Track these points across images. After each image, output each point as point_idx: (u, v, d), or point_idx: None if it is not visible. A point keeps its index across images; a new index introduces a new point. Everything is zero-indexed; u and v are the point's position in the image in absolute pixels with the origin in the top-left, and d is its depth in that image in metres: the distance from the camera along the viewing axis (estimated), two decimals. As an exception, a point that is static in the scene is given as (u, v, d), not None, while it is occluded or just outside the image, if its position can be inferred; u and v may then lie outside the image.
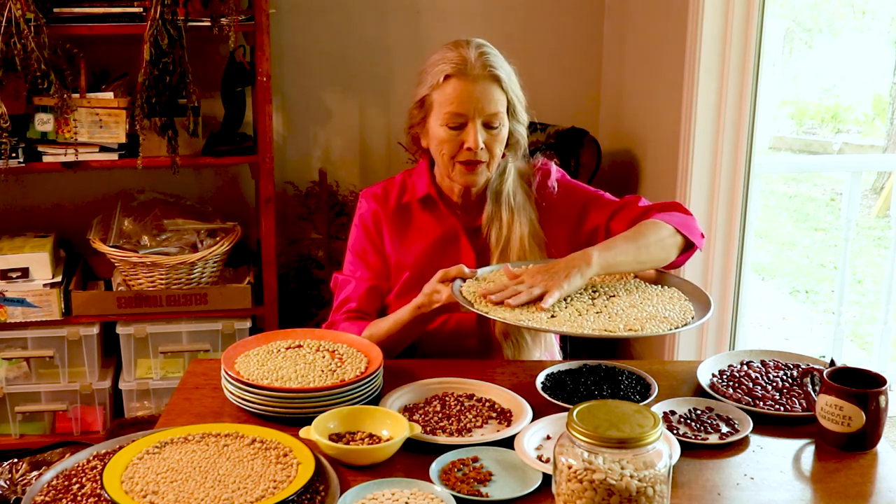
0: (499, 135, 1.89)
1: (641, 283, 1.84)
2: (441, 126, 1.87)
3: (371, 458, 1.47)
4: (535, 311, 1.64)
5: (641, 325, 1.63)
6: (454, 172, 1.91)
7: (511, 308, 1.64)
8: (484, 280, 1.80)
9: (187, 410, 1.66)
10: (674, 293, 1.79)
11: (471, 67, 1.84)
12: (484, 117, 1.85)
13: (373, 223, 2.00)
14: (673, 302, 1.75)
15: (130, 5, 2.70)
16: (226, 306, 2.93)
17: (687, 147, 2.78)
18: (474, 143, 1.84)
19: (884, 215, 6.96)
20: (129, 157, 2.82)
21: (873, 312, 4.97)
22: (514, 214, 1.94)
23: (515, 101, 1.91)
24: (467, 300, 1.70)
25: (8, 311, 2.83)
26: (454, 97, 1.84)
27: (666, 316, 1.67)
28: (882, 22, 8.97)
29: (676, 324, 1.66)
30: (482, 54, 1.87)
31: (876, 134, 8.54)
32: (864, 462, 1.52)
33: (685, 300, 1.77)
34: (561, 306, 1.68)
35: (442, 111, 1.86)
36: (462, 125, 1.86)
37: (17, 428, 2.97)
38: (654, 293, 1.78)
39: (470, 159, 1.87)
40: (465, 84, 1.84)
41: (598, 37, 3.45)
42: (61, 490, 1.37)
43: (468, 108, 1.84)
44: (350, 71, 3.35)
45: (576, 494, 1.23)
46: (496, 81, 1.86)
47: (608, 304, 1.71)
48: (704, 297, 1.77)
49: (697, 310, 1.73)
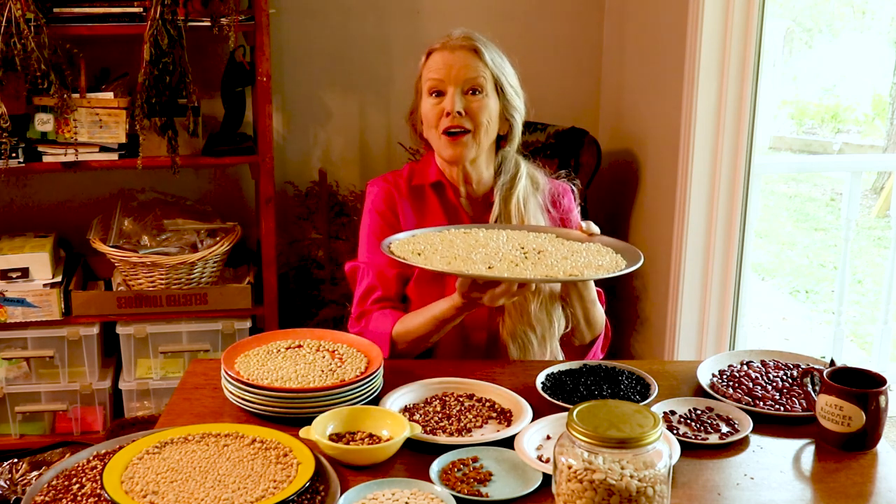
0: (483, 102, 1.91)
1: (565, 240, 1.84)
2: (427, 98, 1.94)
3: (371, 458, 1.47)
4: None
5: (580, 271, 1.64)
6: (441, 145, 1.94)
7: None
8: (443, 234, 1.84)
9: (187, 410, 1.66)
10: (599, 247, 1.80)
11: (452, 42, 1.93)
12: (461, 83, 1.90)
13: (387, 205, 2.01)
14: (601, 254, 1.76)
15: (130, 5, 2.70)
16: (226, 306, 2.93)
17: (687, 147, 2.78)
18: (451, 106, 1.89)
19: (884, 215, 6.96)
20: (129, 157, 2.82)
21: (873, 312, 4.97)
22: (524, 222, 1.95)
23: (504, 82, 1.95)
24: (389, 249, 1.73)
25: (8, 311, 2.83)
26: (433, 67, 1.93)
27: (600, 264, 1.69)
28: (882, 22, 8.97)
29: (612, 269, 1.67)
30: (465, 33, 1.95)
31: (876, 134, 8.54)
32: (864, 462, 1.52)
33: (612, 252, 1.78)
34: (495, 260, 1.68)
35: (425, 84, 1.94)
36: (442, 93, 1.92)
37: (17, 428, 2.97)
38: (582, 248, 1.78)
39: (451, 126, 1.90)
40: (444, 54, 1.93)
41: (598, 37, 3.45)
42: (61, 490, 1.37)
43: (445, 75, 1.91)
44: (350, 71, 3.35)
45: (576, 494, 1.23)
46: (474, 52, 1.92)
47: (540, 257, 1.71)
48: (632, 250, 1.78)
49: (628, 260, 1.74)
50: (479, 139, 1.92)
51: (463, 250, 1.73)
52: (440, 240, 1.79)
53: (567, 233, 1.89)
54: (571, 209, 2.07)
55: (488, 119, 1.92)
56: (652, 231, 3.10)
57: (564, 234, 1.87)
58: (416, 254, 1.71)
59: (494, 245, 1.76)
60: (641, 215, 3.20)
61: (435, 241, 1.79)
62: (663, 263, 2.96)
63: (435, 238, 1.80)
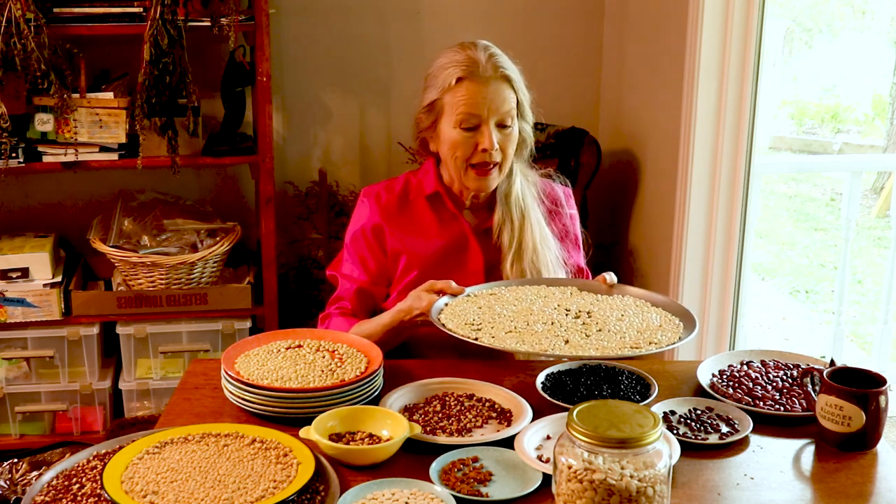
0: (511, 134, 1.91)
1: (591, 293, 1.85)
2: (454, 128, 1.89)
3: (371, 458, 1.47)
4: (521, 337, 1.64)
5: (655, 338, 1.65)
6: (466, 177, 1.93)
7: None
8: (471, 297, 1.80)
9: (187, 410, 1.66)
10: (634, 300, 1.82)
11: (482, 69, 1.87)
12: (498, 117, 1.88)
13: (373, 232, 2.01)
14: (644, 309, 1.78)
15: (130, 5, 2.70)
16: (226, 306, 2.93)
17: (687, 147, 2.78)
18: (489, 144, 1.87)
19: (884, 215, 6.96)
20: (129, 157, 2.81)
21: (873, 312, 4.97)
22: (525, 216, 1.97)
23: (524, 101, 1.95)
24: (441, 322, 1.70)
25: (8, 311, 2.83)
26: (467, 99, 1.87)
27: (659, 324, 1.71)
28: (882, 22, 8.97)
29: (676, 330, 1.68)
30: (491, 56, 1.90)
31: (876, 134, 8.54)
32: (864, 462, 1.52)
33: (647, 304, 1.80)
34: (561, 330, 1.67)
35: (455, 113, 1.88)
36: (476, 126, 1.88)
37: (17, 428, 2.97)
38: (621, 303, 1.80)
39: (484, 160, 1.89)
40: (478, 86, 1.87)
41: (598, 37, 3.45)
42: (61, 490, 1.37)
43: (482, 109, 1.87)
44: (350, 71, 3.35)
45: (576, 494, 1.23)
46: (507, 81, 1.89)
47: (595, 322, 1.71)
48: (664, 300, 1.80)
49: (665, 309, 1.77)
50: (503, 169, 1.94)
51: (518, 318, 1.70)
52: (474, 304, 1.77)
53: (587, 284, 1.89)
54: (571, 214, 2.09)
55: (514, 147, 1.94)
56: (652, 231, 3.10)
57: (586, 286, 1.88)
58: (474, 328, 1.67)
59: (539, 309, 1.74)
60: (641, 215, 3.20)
61: (469, 306, 1.76)
62: (663, 263, 2.96)
63: (464, 304, 1.77)
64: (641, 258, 3.19)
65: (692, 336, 1.66)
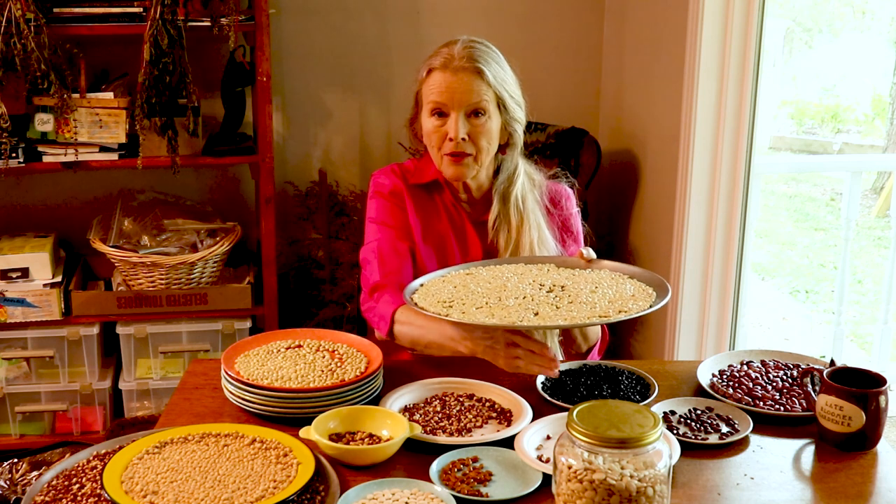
0: (484, 126, 1.91)
1: (568, 269, 1.82)
2: (428, 117, 1.93)
3: (371, 458, 1.47)
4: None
5: (626, 306, 1.61)
6: (443, 165, 1.95)
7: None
8: (447, 277, 1.81)
9: (187, 410, 1.66)
10: (611, 274, 1.78)
11: (454, 60, 1.90)
12: (465, 108, 1.89)
13: (393, 195, 2.02)
14: (619, 282, 1.73)
15: (130, 5, 2.70)
16: (226, 306, 2.93)
17: (687, 147, 2.78)
18: (454, 133, 1.89)
19: (884, 215, 6.96)
20: (129, 157, 2.82)
21: (873, 312, 4.97)
22: (524, 219, 1.96)
23: (506, 97, 1.93)
24: (413, 301, 1.69)
25: (8, 311, 2.83)
26: (435, 88, 1.90)
27: (632, 294, 1.67)
28: (882, 22, 8.97)
29: (647, 298, 1.65)
30: (468, 48, 1.91)
31: (876, 134, 8.54)
32: (864, 462, 1.52)
33: (624, 276, 1.77)
34: (531, 304, 1.64)
35: (427, 102, 1.93)
36: (444, 114, 1.91)
37: (17, 428, 2.97)
38: (596, 277, 1.76)
39: (454, 150, 1.90)
40: (446, 75, 1.89)
41: (598, 37, 3.45)
42: (61, 490, 1.37)
43: (448, 98, 1.89)
44: (350, 71, 3.35)
45: (576, 494, 1.23)
46: (478, 74, 1.89)
47: (567, 294, 1.67)
48: (640, 271, 1.77)
49: (644, 282, 1.73)
50: (480, 161, 1.94)
51: (490, 294, 1.68)
52: (450, 283, 1.76)
53: (566, 260, 1.88)
54: (572, 213, 2.08)
55: (489, 141, 1.93)
56: (652, 231, 3.10)
57: (564, 262, 1.86)
58: (446, 305, 1.66)
59: (513, 286, 1.72)
60: (641, 215, 3.20)
61: (444, 286, 1.75)
62: (663, 263, 2.96)
63: (440, 283, 1.77)
64: (641, 258, 3.19)
65: (662, 303, 1.62)
